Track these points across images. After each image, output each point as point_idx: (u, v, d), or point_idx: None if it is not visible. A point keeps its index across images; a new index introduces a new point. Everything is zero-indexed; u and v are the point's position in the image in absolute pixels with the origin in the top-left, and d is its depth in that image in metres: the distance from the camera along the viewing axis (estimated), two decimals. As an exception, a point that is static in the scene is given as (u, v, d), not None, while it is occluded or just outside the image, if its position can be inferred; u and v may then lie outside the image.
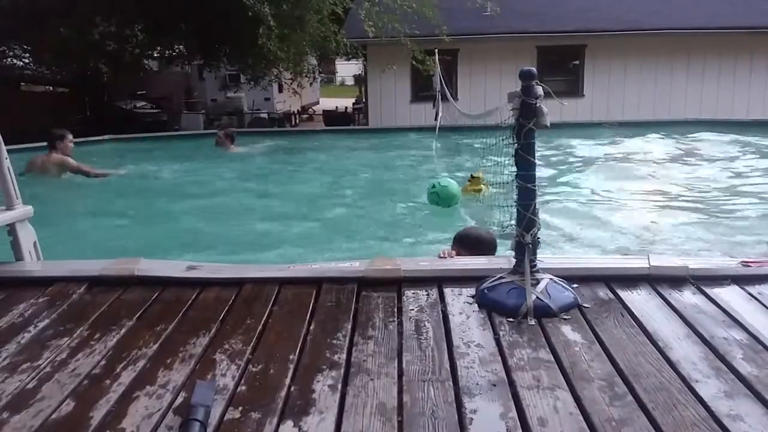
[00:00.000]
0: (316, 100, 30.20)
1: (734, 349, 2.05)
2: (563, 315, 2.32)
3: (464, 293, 2.54)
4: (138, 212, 6.50)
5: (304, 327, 2.28)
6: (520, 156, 2.41)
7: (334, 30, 15.13)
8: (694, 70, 16.19)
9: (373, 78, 17.18)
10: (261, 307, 2.46)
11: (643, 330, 2.21)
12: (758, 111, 15.59)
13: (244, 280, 2.72)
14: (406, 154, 10.50)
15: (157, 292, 2.63)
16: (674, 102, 15.70)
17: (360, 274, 2.70)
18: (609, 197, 6.99)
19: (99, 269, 2.79)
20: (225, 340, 2.19)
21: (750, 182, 7.50)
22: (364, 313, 2.40)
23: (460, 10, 15.62)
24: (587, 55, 16.75)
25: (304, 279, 2.73)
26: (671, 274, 2.65)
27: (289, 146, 12.10)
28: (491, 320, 2.31)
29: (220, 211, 6.58)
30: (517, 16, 16.83)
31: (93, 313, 2.44)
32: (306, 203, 6.95)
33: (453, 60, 16.49)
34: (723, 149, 9.95)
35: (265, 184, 8.08)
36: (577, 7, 17.60)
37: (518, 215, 2.45)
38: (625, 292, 2.53)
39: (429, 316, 2.35)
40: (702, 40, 15.90)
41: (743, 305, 2.40)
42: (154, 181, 8.38)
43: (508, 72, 13.97)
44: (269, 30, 12.22)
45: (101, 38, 15.14)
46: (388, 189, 7.71)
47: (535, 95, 2.33)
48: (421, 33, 13.71)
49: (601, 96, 16.44)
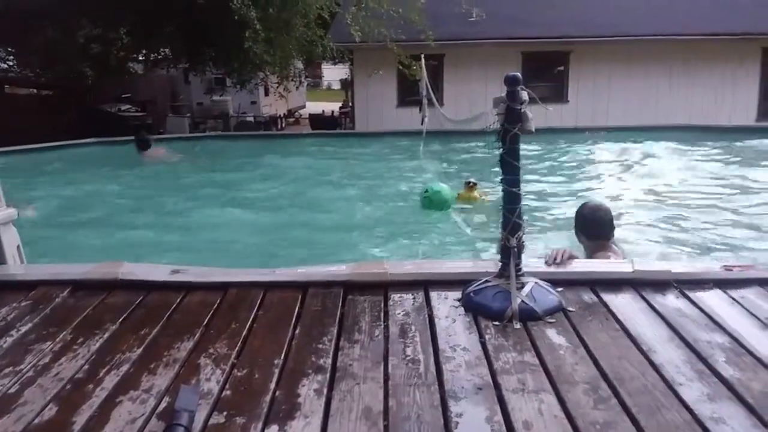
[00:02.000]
0: (303, 104, 30.11)
1: (717, 352, 2.07)
2: (548, 318, 2.33)
3: (450, 297, 2.55)
4: (122, 215, 6.46)
5: (290, 331, 2.27)
6: (505, 161, 2.42)
7: (321, 34, 15.12)
8: (677, 76, 16.35)
9: (359, 82, 17.18)
10: (246, 312, 2.45)
11: (627, 333, 2.22)
12: (741, 117, 15.77)
13: (229, 284, 2.71)
14: (392, 158, 10.51)
15: (142, 296, 2.61)
16: (658, 108, 15.82)
17: (346, 277, 2.70)
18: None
19: (82, 273, 2.77)
20: (210, 344, 2.18)
21: (734, 187, 7.57)
22: (350, 317, 2.39)
23: (446, 15, 15.68)
24: (572, 61, 16.85)
25: (289, 283, 2.73)
26: (655, 278, 2.67)
27: (275, 149, 12.08)
28: (477, 324, 2.31)
29: (200, 215, 6.55)
30: (503, 21, 16.90)
31: (76, 317, 2.42)
32: (292, 206, 6.94)
33: (439, 65, 16.52)
34: (706, 154, 10.05)
35: (247, 187, 8.05)
36: (562, 13, 17.71)
37: (504, 219, 2.46)
38: (609, 295, 2.55)
39: (415, 320, 2.35)
40: (686, 46, 16.05)
41: (726, 309, 2.43)
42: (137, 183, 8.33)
43: (493, 77, 14.02)
44: (255, 34, 12.20)
45: (86, 41, 15.07)
46: (374, 192, 7.71)
47: (520, 101, 2.34)
48: (408, 38, 13.73)
49: (585, 102, 16.54)
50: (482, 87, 14.95)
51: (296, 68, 18.01)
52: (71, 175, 8.95)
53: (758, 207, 6.47)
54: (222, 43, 13.75)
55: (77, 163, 9.75)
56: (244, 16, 11.67)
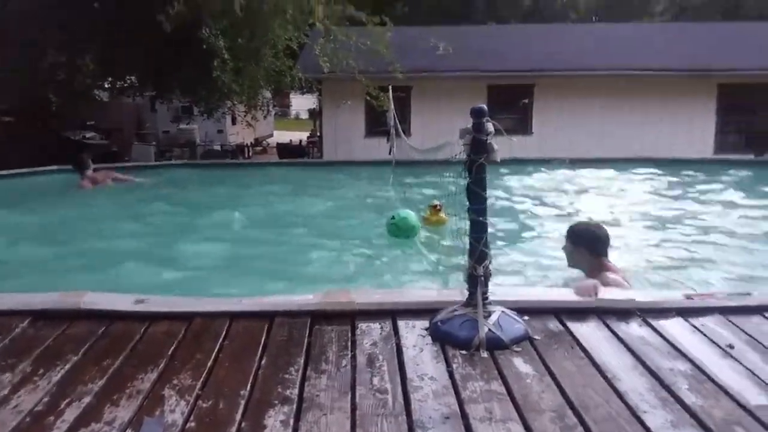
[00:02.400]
0: (270, 133, 30.14)
1: (680, 380, 2.11)
2: (515, 347, 2.36)
3: (418, 326, 2.56)
4: (84, 243, 6.35)
5: (256, 361, 2.25)
6: (471, 190, 2.45)
7: (289, 64, 15.21)
8: (637, 110, 16.79)
9: (327, 112, 17.28)
10: (211, 342, 2.42)
11: (592, 361, 2.25)
12: (698, 150, 16.23)
13: (194, 314, 2.68)
14: (360, 187, 10.54)
15: (104, 326, 2.56)
16: (619, 140, 16.20)
17: (313, 307, 2.69)
18: (558, 231, 7.13)
19: (43, 302, 2.71)
20: (174, 375, 2.15)
21: (691, 217, 7.75)
22: (317, 346, 2.38)
23: (414, 48, 15.91)
24: (536, 94, 17.21)
25: (255, 313, 2.71)
26: (619, 307, 2.72)
27: (241, 177, 12.02)
28: (444, 353, 2.32)
29: (164, 243, 6.46)
30: (469, 55, 17.22)
31: (36, 348, 2.36)
32: (258, 235, 6.89)
33: (406, 96, 16.72)
34: (664, 186, 10.29)
35: (212, 214, 7.97)
36: (526, 48, 18.15)
37: (470, 248, 2.48)
38: (574, 324, 2.59)
39: (383, 350, 2.35)
40: (645, 81, 16.54)
41: (688, 337, 2.48)
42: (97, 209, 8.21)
43: (459, 109, 14.09)
44: (224, 63, 12.21)
45: (51, 67, 14.90)
46: (342, 221, 7.70)
47: (486, 132, 2.39)
48: (376, 69, 13.89)
49: (549, 133, 16.86)
50: (449, 118, 15.08)
51: (264, 97, 18.05)
52: (32, 203, 8.76)
53: (715, 237, 6.62)
54: (190, 72, 13.73)
55: (39, 190, 9.56)
56: (213, 45, 11.69)
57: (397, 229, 6.06)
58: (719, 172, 11.29)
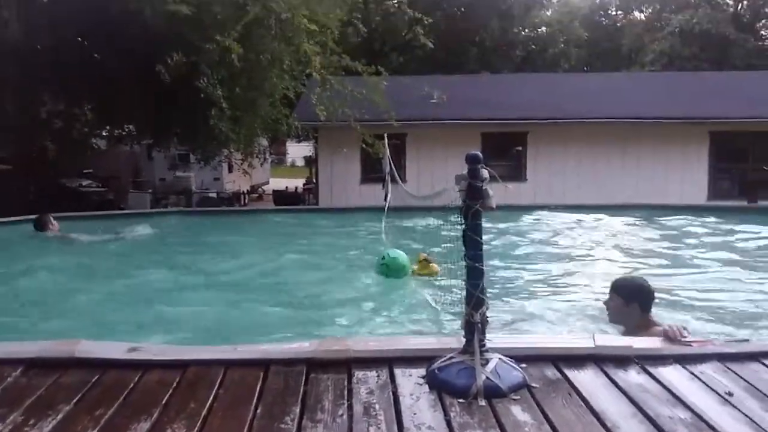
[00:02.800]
0: (267, 180, 30.32)
1: (679, 427, 2.09)
2: (513, 395, 2.33)
3: (414, 374, 2.53)
4: (79, 291, 6.30)
5: (251, 411, 2.22)
6: (467, 236, 2.46)
7: (286, 113, 15.41)
8: (630, 157, 17.00)
9: (323, 159, 17.44)
10: (206, 391, 2.39)
11: (591, 410, 2.23)
12: (692, 197, 16.36)
13: (189, 363, 2.65)
14: (355, 233, 10.56)
15: (98, 375, 2.53)
16: (612, 187, 16.34)
17: (309, 355, 2.66)
18: (553, 277, 7.13)
19: (37, 350, 2.68)
20: (168, 424, 2.12)
21: (685, 264, 7.77)
22: (313, 395, 2.35)
23: (409, 97, 16.18)
24: (529, 142, 17.43)
25: (250, 361, 2.68)
26: (616, 354, 2.70)
27: (237, 224, 12.03)
28: (442, 401, 2.30)
29: (159, 291, 6.43)
30: (463, 103, 17.51)
31: (29, 398, 2.33)
32: (253, 282, 6.86)
33: (401, 144, 16.91)
34: (658, 232, 10.34)
35: (208, 262, 7.96)
36: (520, 96, 18.46)
37: (467, 294, 2.48)
38: (572, 371, 2.57)
39: (379, 398, 2.32)
40: (637, 129, 16.79)
41: (686, 384, 2.46)
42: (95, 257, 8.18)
43: (454, 156, 14.25)
44: (221, 112, 12.36)
45: (49, 116, 15.05)
46: (337, 267, 7.69)
47: (481, 178, 2.41)
48: (371, 118, 14.08)
49: (543, 180, 17.02)
50: (444, 165, 15.29)
51: (261, 145, 18.22)
52: (28, 251, 8.75)
53: (711, 283, 6.62)
54: (187, 120, 13.88)
55: (35, 238, 9.54)
56: (211, 94, 11.85)
57: (387, 269, 6.05)
58: (713, 218, 11.36)
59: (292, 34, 12.78)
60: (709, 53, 31.71)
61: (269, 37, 12.60)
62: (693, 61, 31.06)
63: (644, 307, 4.01)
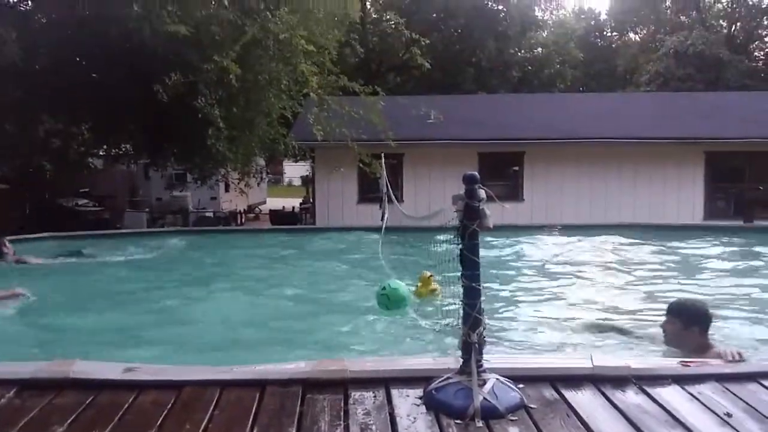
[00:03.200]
0: (264, 200, 30.33)
1: (677, 449, 2.07)
2: (510, 416, 2.31)
3: (411, 394, 2.51)
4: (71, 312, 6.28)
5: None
6: (465, 256, 2.46)
7: (283, 133, 15.46)
8: (626, 177, 17.04)
9: (320, 179, 17.46)
10: (201, 412, 2.37)
11: (589, 430, 2.21)
12: (688, 216, 16.41)
13: (184, 383, 2.63)
14: (352, 253, 10.54)
15: (92, 396, 2.51)
16: (609, 206, 16.38)
17: (305, 375, 2.65)
18: (550, 297, 7.12)
19: (31, 371, 2.66)
20: (162, 446, 2.09)
21: (682, 283, 7.77)
22: (309, 416, 2.34)
23: (406, 117, 16.26)
24: (526, 162, 17.48)
25: (246, 381, 2.66)
26: (614, 374, 2.69)
27: (233, 244, 12.02)
28: (439, 422, 2.28)
29: (154, 311, 6.40)
30: (459, 123, 17.60)
31: (22, 419, 2.30)
32: (249, 302, 6.84)
33: (398, 164, 16.96)
34: (656, 252, 10.35)
35: (203, 282, 7.93)
36: (516, 116, 18.56)
37: (464, 315, 2.47)
38: (569, 392, 2.55)
39: (376, 419, 2.30)
40: (633, 149, 16.85)
41: (684, 405, 2.44)
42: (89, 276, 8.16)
43: (451, 176, 14.29)
44: (219, 131, 12.40)
45: (46, 135, 15.07)
46: (334, 288, 7.67)
47: (478, 198, 2.41)
48: (368, 137, 14.13)
49: (539, 200, 17.06)
50: (440, 185, 15.34)
51: (258, 165, 18.25)
52: (23, 271, 8.73)
53: (711, 303, 6.61)
54: (184, 140, 13.91)
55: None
56: (209, 114, 11.89)
57: (387, 300, 5.99)
58: (709, 238, 11.38)
59: (289, 55, 12.87)
60: (704, 74, 31.98)
61: (267, 58, 12.68)
62: (688, 81, 31.31)
63: (703, 331, 4.03)
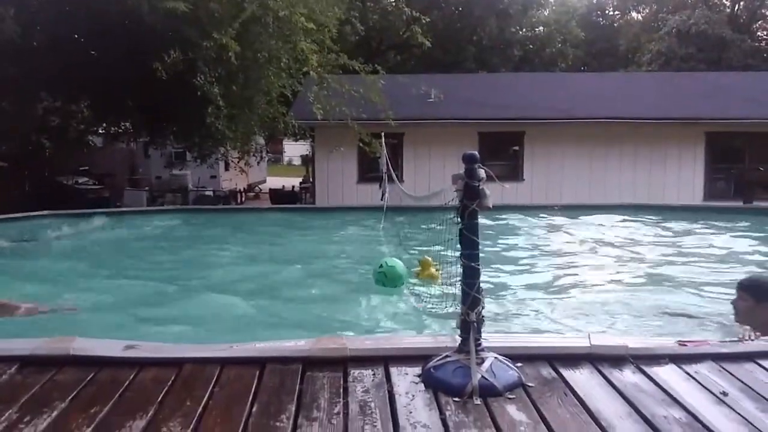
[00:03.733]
0: (263, 179, 30.30)
1: (674, 427, 2.09)
2: (508, 394, 2.33)
3: (410, 372, 2.53)
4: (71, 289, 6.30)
5: (246, 409, 2.21)
6: (464, 236, 2.46)
7: (283, 111, 15.40)
8: (626, 157, 17.02)
9: (320, 158, 17.43)
10: (201, 389, 2.38)
11: (586, 409, 2.23)
12: (688, 197, 16.41)
13: (184, 360, 2.64)
14: (352, 233, 10.56)
15: (93, 373, 2.52)
16: (609, 187, 16.37)
17: (305, 353, 2.66)
18: (549, 276, 7.15)
19: (31, 348, 2.67)
20: (163, 423, 2.11)
21: (681, 264, 7.79)
22: (308, 393, 2.35)
23: (406, 96, 16.18)
24: (526, 142, 17.44)
25: (246, 359, 2.67)
26: (611, 353, 2.70)
27: (233, 223, 12.02)
28: (437, 400, 2.29)
29: (155, 289, 6.42)
30: (460, 103, 17.52)
31: (23, 395, 2.32)
32: (249, 280, 6.86)
33: (398, 143, 16.92)
34: (655, 232, 10.36)
35: (204, 260, 7.95)
36: (516, 96, 18.47)
37: (463, 294, 2.48)
38: (567, 371, 2.56)
39: (375, 397, 2.32)
40: (634, 129, 16.81)
41: (681, 384, 2.46)
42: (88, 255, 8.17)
43: (451, 155, 14.31)
44: (218, 110, 12.35)
45: (45, 113, 15.02)
46: (334, 266, 7.69)
47: (478, 178, 2.41)
48: (368, 117, 14.08)
49: (539, 180, 17.04)
50: (440, 164, 15.33)
51: (257, 144, 18.19)
52: (23, 248, 8.75)
53: (706, 283, 6.64)
54: (184, 118, 13.86)
55: (31, 235, 9.54)
56: (208, 92, 11.83)
57: (384, 277, 6.04)
58: (709, 219, 11.39)
59: (289, 32, 12.78)
60: (706, 53, 31.77)
61: (266, 35, 12.59)
62: (690, 61, 31.13)
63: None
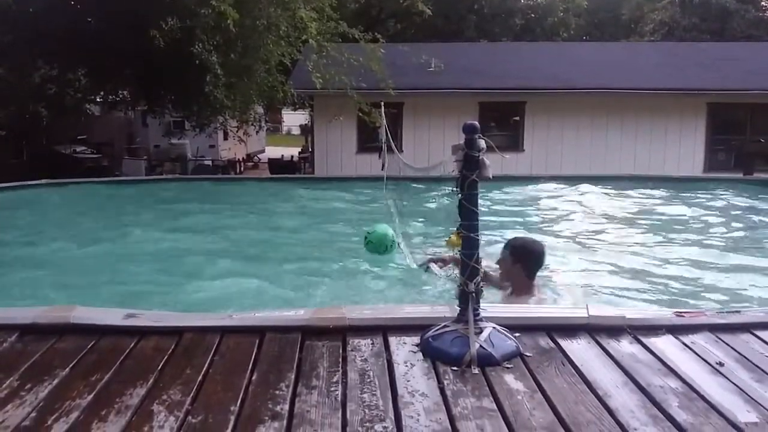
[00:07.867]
0: (262, 149, 30.19)
1: (670, 397, 2.11)
2: (506, 364, 2.35)
3: (409, 342, 2.55)
4: (71, 258, 6.31)
5: (246, 377, 2.23)
6: (463, 206, 2.46)
7: (282, 80, 15.28)
8: (627, 128, 16.94)
9: (319, 128, 17.34)
10: (201, 357, 2.40)
11: (583, 378, 2.25)
12: (688, 168, 16.38)
13: (184, 329, 2.66)
14: (351, 203, 10.55)
15: (93, 341, 2.54)
16: (609, 158, 16.33)
17: (304, 322, 2.67)
18: (548, 249, 7.14)
19: (32, 317, 2.68)
20: (164, 390, 2.13)
21: (680, 235, 7.80)
22: (307, 362, 2.37)
23: (406, 65, 16.04)
24: (527, 112, 17.34)
25: (246, 328, 2.69)
26: (609, 324, 2.72)
27: (232, 192, 12.01)
28: (436, 369, 2.31)
29: (153, 258, 6.44)
30: (460, 72, 17.37)
31: (24, 363, 2.34)
32: (250, 250, 6.87)
33: (398, 113, 16.81)
34: (654, 204, 10.36)
35: (202, 230, 7.95)
36: (517, 66, 18.32)
37: (462, 264, 2.49)
38: (565, 341, 2.58)
39: (374, 366, 2.34)
40: (635, 100, 16.70)
41: (678, 354, 2.48)
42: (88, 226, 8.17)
43: (451, 125, 14.32)
44: (216, 78, 12.25)
45: (42, 81, 14.90)
46: (333, 236, 7.70)
47: (478, 148, 2.39)
48: (368, 86, 13.98)
49: (540, 151, 16.98)
50: (440, 135, 15.27)
51: (256, 113, 18.08)
52: (20, 217, 8.74)
53: (704, 254, 6.65)
54: (182, 87, 13.76)
55: (27, 204, 9.52)
56: (206, 61, 11.73)
57: (372, 246, 6.04)
58: (709, 190, 11.38)
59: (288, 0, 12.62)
60: (709, 23, 31.42)
61: (265, 2, 12.45)
62: (693, 31, 30.79)
63: (531, 273, 4.01)
